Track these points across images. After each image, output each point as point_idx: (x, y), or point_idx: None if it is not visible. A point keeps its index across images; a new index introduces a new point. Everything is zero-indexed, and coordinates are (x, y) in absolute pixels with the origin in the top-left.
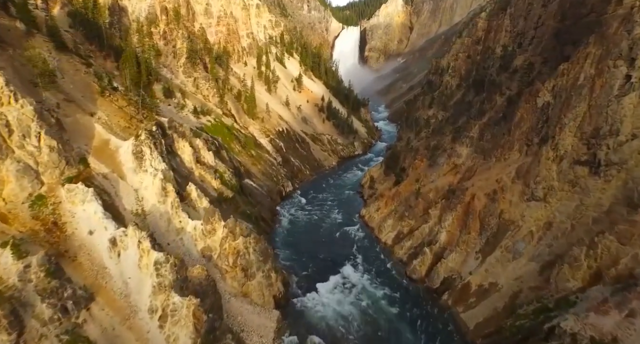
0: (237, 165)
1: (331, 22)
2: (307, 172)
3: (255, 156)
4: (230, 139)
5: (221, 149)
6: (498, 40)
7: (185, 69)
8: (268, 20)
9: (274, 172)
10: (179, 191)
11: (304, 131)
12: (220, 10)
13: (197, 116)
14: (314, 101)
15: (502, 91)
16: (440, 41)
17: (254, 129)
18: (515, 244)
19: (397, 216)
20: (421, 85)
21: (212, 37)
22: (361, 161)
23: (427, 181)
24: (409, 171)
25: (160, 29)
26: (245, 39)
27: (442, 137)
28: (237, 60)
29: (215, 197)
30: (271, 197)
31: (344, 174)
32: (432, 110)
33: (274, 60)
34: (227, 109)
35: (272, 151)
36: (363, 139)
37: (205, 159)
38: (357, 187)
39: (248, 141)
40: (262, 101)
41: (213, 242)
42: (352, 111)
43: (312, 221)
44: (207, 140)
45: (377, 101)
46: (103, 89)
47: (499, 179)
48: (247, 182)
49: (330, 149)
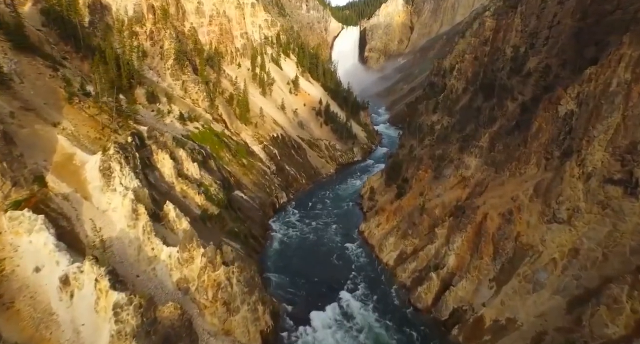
0: (227, 176)
1: (330, 22)
2: (302, 181)
3: (247, 165)
4: (219, 147)
5: (209, 159)
6: (508, 40)
7: (173, 71)
8: (264, 20)
9: (266, 183)
10: (155, 211)
11: (300, 136)
12: (212, 9)
13: (184, 123)
14: (311, 104)
15: (514, 96)
16: (442, 41)
17: (246, 135)
18: (535, 274)
19: (400, 233)
20: (423, 86)
21: (204, 37)
22: (361, 168)
23: (432, 194)
24: (412, 182)
25: (147, 29)
26: (239, 40)
27: (448, 146)
28: (230, 62)
29: (199, 214)
30: (263, 210)
31: (342, 183)
32: (437, 115)
33: (270, 61)
34: (217, 114)
35: (266, 159)
36: (362, 144)
37: (188, 171)
38: (356, 198)
39: (239, 149)
40: (255, 105)
41: (191, 272)
42: (351, 115)
43: (307, 237)
44: (193, 149)
45: (377, 103)
46: (71, 95)
47: (515, 197)
48: (236, 194)
49: (328, 155)
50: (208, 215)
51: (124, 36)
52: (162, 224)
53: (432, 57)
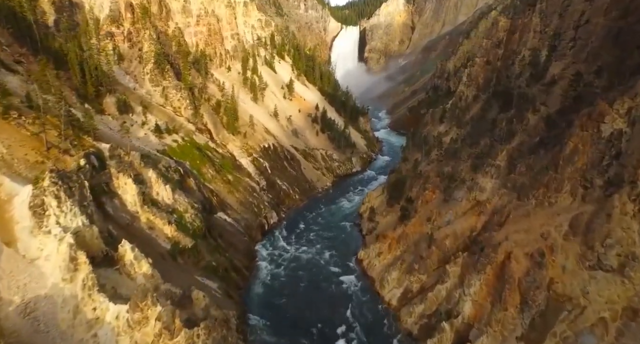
0: (208, 195)
1: (329, 22)
2: (296, 196)
3: (233, 181)
4: (201, 162)
5: (187, 178)
6: (524, 42)
7: (152, 76)
8: (257, 20)
9: (255, 201)
10: (107, 253)
11: (295, 145)
12: (200, 8)
13: (160, 135)
14: (306, 110)
15: (535, 108)
16: (445, 42)
17: (233, 146)
18: (579, 337)
19: (404, 267)
20: (425, 89)
21: (191, 38)
22: (360, 181)
23: (442, 221)
24: (417, 204)
25: (125, 29)
26: (230, 41)
27: (459, 163)
28: (219, 65)
29: (168, 249)
30: (250, 234)
31: (339, 199)
32: (444, 125)
33: (263, 64)
34: (202, 123)
35: (255, 174)
36: (362, 153)
37: (159, 196)
38: (355, 218)
39: (225, 163)
40: (245, 112)
41: (144, 336)
42: (349, 121)
43: (298, 267)
44: (168, 168)
45: (377, 106)
46: (7, 108)
47: (545, 234)
48: (219, 217)
49: (325, 166)
50: (180, 249)
51: (96, 37)
52: (116, 268)
53: (434, 59)
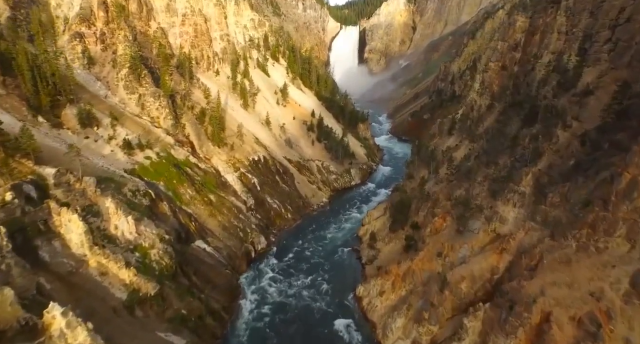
0: (185, 221)
1: (328, 22)
2: (288, 216)
3: (215, 202)
4: (179, 181)
5: (159, 202)
6: (546, 44)
7: (127, 82)
8: (250, 19)
9: (240, 224)
10: (27, 322)
11: (288, 157)
12: (186, 6)
13: (130, 152)
14: (301, 117)
15: (566, 123)
16: (448, 43)
17: (218, 160)
18: None
19: (411, 313)
20: (428, 92)
21: (175, 40)
22: (359, 195)
23: (455, 256)
24: (425, 232)
25: (97, 30)
26: (219, 42)
27: (473, 185)
28: (207, 69)
29: (124, 301)
30: (233, 264)
31: (337, 217)
32: (454, 138)
33: (255, 67)
34: (183, 134)
35: (242, 191)
36: (362, 163)
37: (118, 230)
38: (353, 241)
39: (207, 180)
40: (234, 121)
41: None
42: (348, 127)
43: (287, 306)
44: (135, 192)
45: (377, 109)
46: None
47: (597, 292)
48: (197, 247)
49: (321, 180)
50: (139, 298)
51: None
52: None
53: (437, 60)
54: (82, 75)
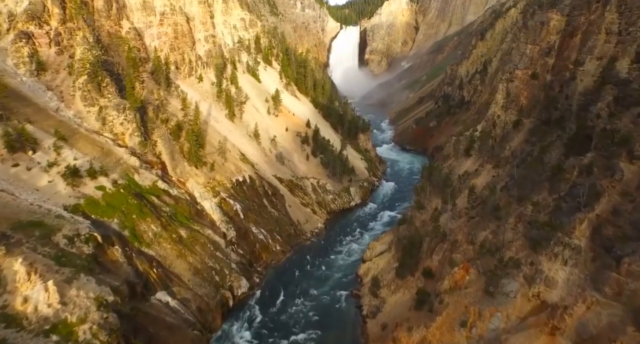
0: (143, 268)
1: (328, 22)
2: (277, 247)
3: (187, 238)
4: (140, 216)
5: (108, 247)
6: (591, 48)
7: (85, 92)
8: (240, 19)
9: (217, 265)
10: None
11: (279, 175)
12: (165, 4)
13: (76, 181)
14: (295, 127)
15: (633, 152)
16: (453, 44)
17: (195, 184)
18: None
19: None
20: (434, 97)
21: (153, 41)
22: (360, 219)
23: (484, 327)
24: (441, 286)
25: (51, 29)
26: (203, 44)
27: (503, 227)
28: (188, 74)
29: None
30: (204, 320)
31: (333, 248)
32: (472, 160)
33: (244, 71)
34: (154, 153)
35: (221, 221)
36: (362, 180)
37: (28, 304)
38: (352, 282)
39: (179, 210)
40: (217, 135)
41: None
42: (347, 138)
43: None
44: (74, 237)
45: (379, 114)
46: None
47: None
48: (157, 302)
49: (316, 201)
50: None
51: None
52: None
53: (441, 62)
54: (28, 84)
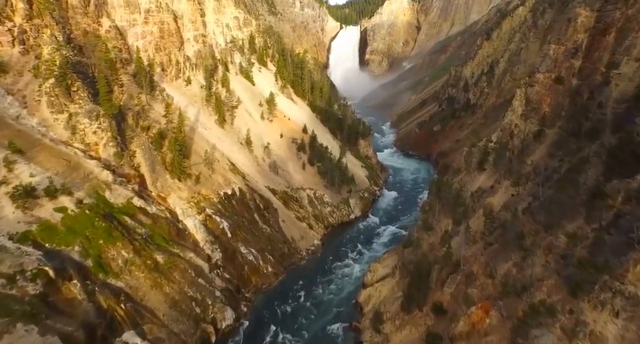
0: (108, 305)
1: (327, 21)
2: (268, 269)
3: (164, 264)
4: (107, 240)
5: (63, 283)
6: (628, 48)
7: (52, 97)
8: (233, 18)
9: (198, 294)
10: None
11: (272, 186)
12: (150, 1)
13: (29, 203)
14: (291, 133)
15: None
16: (456, 44)
17: (177, 199)
18: None
19: None
20: (437, 99)
21: (136, 41)
22: (360, 234)
23: None
24: (455, 328)
25: (14, 26)
26: (192, 44)
27: (529, 260)
28: (175, 77)
29: None
30: None
31: (331, 270)
32: (487, 176)
33: (237, 73)
34: (131, 166)
35: (205, 242)
36: (362, 190)
37: None
38: (352, 312)
39: (157, 231)
40: (204, 143)
41: None
42: (347, 144)
43: None
44: (15, 276)
45: (379, 116)
46: None
47: None
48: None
49: (313, 214)
50: None
51: None
52: None
53: (444, 63)
54: None
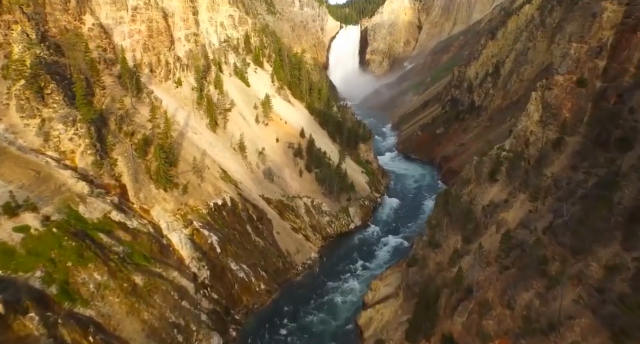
0: (72, 338)
1: (327, 21)
2: (261, 286)
3: (144, 286)
4: (77, 262)
5: (16, 317)
6: None
7: (22, 101)
8: (228, 16)
9: (181, 319)
10: None
11: (266, 195)
12: None
13: None
14: (287, 137)
15: None
16: (459, 43)
17: (161, 211)
18: None
19: None
20: (439, 100)
21: (123, 40)
22: (360, 246)
23: None
24: None
25: None
26: (183, 44)
27: (559, 291)
28: (165, 78)
29: None
30: None
31: (329, 286)
32: (499, 188)
33: (231, 74)
34: (112, 175)
35: (192, 258)
36: (363, 197)
37: None
38: (351, 336)
39: (136, 250)
40: (194, 149)
41: None
42: (347, 148)
43: None
44: None
45: (380, 117)
46: None
47: None
48: None
49: (310, 224)
50: None
51: None
52: None
53: (446, 63)
54: None
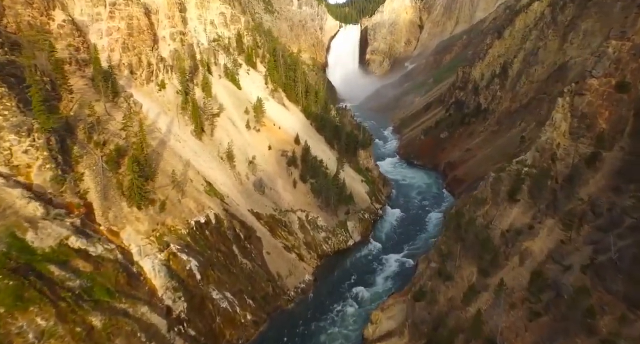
0: None
1: (326, 20)
2: (247, 317)
3: (102, 328)
4: (16, 306)
5: None
6: None
7: None
8: (219, 13)
9: None
10: None
11: (256, 209)
12: None
13: None
14: (281, 144)
15: None
16: (462, 43)
17: (132, 233)
18: None
19: None
20: (442, 102)
21: (100, 39)
22: (359, 267)
23: None
24: None
25: None
26: (168, 43)
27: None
28: (146, 81)
29: None
30: None
31: (324, 316)
32: (521, 209)
33: (221, 76)
34: (75, 193)
35: (166, 289)
36: (362, 210)
37: None
38: None
39: (99, 282)
40: (176, 159)
41: None
42: (345, 155)
43: None
44: None
45: (380, 120)
46: None
47: None
48: None
49: (304, 241)
50: None
51: None
52: None
53: (449, 63)
54: None
